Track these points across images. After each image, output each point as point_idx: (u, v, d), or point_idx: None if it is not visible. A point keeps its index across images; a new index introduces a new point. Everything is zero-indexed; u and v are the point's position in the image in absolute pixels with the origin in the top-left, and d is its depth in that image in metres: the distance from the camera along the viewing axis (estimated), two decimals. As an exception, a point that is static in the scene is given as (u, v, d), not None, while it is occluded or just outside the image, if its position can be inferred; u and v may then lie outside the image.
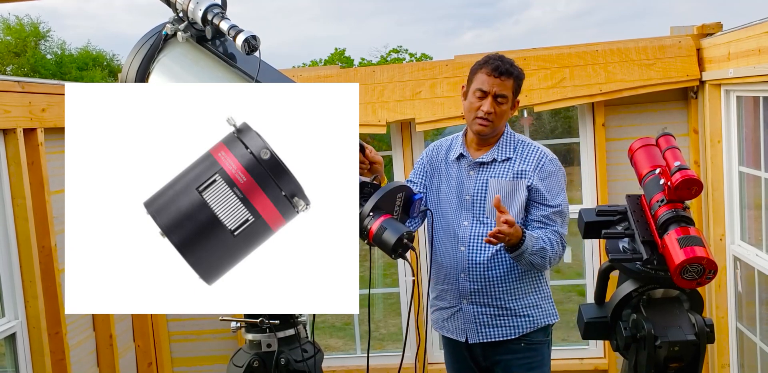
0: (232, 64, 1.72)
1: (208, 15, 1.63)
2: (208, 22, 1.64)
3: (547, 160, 2.39)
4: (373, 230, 1.52)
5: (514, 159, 2.39)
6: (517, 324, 2.39)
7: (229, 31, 1.60)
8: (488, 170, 2.40)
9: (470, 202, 2.40)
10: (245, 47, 1.57)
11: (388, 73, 3.95)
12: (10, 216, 3.14)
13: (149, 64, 1.75)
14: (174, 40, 1.76)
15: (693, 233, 1.24)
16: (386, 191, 1.55)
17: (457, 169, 2.46)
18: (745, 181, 3.39)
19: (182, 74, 1.75)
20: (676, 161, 1.32)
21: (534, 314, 2.41)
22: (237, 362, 1.79)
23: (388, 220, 1.53)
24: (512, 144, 2.43)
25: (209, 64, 1.74)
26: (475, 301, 2.40)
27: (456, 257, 2.40)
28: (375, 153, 1.91)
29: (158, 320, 4.21)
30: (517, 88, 2.38)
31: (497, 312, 2.38)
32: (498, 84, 2.32)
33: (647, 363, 1.29)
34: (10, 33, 26.96)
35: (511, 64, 2.36)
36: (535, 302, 2.42)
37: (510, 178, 2.37)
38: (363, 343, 4.24)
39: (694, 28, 3.71)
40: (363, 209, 1.54)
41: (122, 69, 1.81)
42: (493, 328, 2.40)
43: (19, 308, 3.15)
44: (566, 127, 6.21)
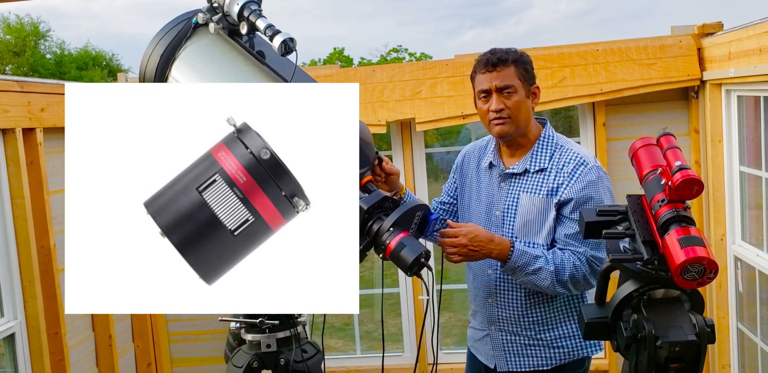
0: (262, 61, 1.72)
1: (245, 11, 1.63)
2: (244, 18, 1.63)
3: (585, 168, 2.05)
4: (391, 246, 1.54)
5: (550, 170, 2.09)
6: (551, 355, 2.14)
7: (266, 31, 1.60)
8: (520, 183, 2.12)
9: (500, 218, 2.14)
10: (282, 48, 1.57)
11: (388, 72, 3.95)
12: (9, 216, 3.13)
13: (175, 50, 1.73)
14: (203, 30, 1.75)
15: (694, 233, 1.23)
16: (407, 209, 1.57)
17: (488, 180, 2.20)
18: (746, 181, 3.39)
19: (208, 64, 1.74)
20: (677, 161, 1.31)
21: (570, 345, 2.14)
22: (236, 362, 1.78)
23: (407, 238, 1.55)
24: (548, 150, 2.12)
25: (237, 57, 1.73)
26: (504, 329, 2.17)
27: (484, 280, 2.18)
28: (391, 165, 1.89)
29: (157, 320, 4.20)
30: (525, 73, 2.09)
31: (528, 342, 2.15)
32: (495, 77, 2.05)
33: (648, 363, 1.28)
34: (10, 32, 26.97)
35: (505, 52, 2.09)
36: (572, 331, 2.14)
37: (544, 195, 2.07)
38: (363, 343, 4.24)
39: (694, 27, 3.71)
40: (383, 225, 1.56)
41: (144, 54, 1.78)
42: (523, 357, 2.16)
43: (18, 308, 3.15)
44: (567, 126, 6.20)
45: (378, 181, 1.83)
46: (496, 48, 2.13)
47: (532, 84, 2.11)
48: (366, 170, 1.73)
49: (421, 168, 4.05)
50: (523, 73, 2.08)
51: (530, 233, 2.11)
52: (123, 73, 4.46)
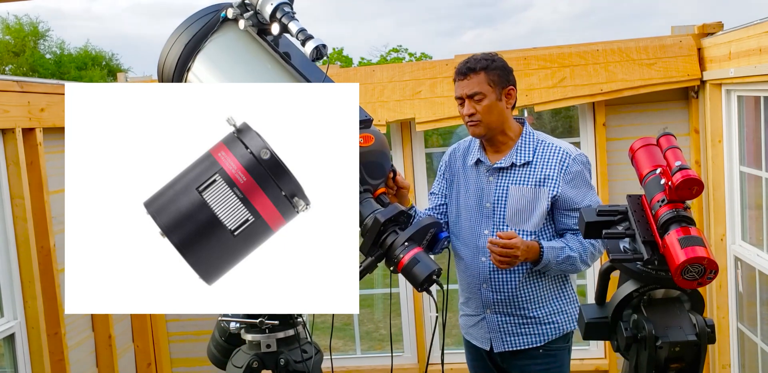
0: (288, 61, 1.72)
1: (278, 13, 1.62)
2: (276, 20, 1.63)
3: (570, 160, 2.28)
4: (404, 261, 1.56)
5: (535, 163, 2.29)
6: (542, 332, 2.34)
7: (298, 35, 1.60)
8: (508, 176, 2.31)
9: (491, 209, 2.33)
10: (314, 54, 1.57)
11: (388, 72, 3.95)
12: (9, 216, 3.13)
13: (200, 41, 1.72)
14: (231, 24, 1.74)
15: (694, 233, 1.23)
16: (423, 226, 1.60)
17: (475, 175, 2.38)
18: (746, 181, 3.39)
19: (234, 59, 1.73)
20: (677, 161, 1.31)
21: (559, 321, 2.36)
22: (236, 362, 1.78)
23: (420, 254, 1.57)
24: (531, 146, 2.32)
25: (263, 56, 1.73)
26: (499, 311, 2.36)
27: (477, 267, 2.36)
28: (403, 179, 1.92)
29: (157, 320, 4.20)
30: (497, 78, 2.26)
31: (521, 321, 2.34)
32: (465, 85, 2.26)
33: (648, 364, 1.28)
34: (9, 33, 26.96)
35: (476, 60, 2.27)
36: (560, 307, 2.36)
37: (532, 186, 2.28)
38: (363, 343, 4.25)
39: (695, 27, 3.71)
40: (397, 239, 1.57)
41: (167, 43, 1.76)
42: (517, 336, 2.35)
43: (18, 308, 3.15)
44: (567, 126, 6.20)
45: (389, 194, 1.85)
46: (472, 56, 2.31)
47: (505, 87, 2.28)
48: (381, 182, 1.75)
49: (421, 168, 4.06)
50: (493, 78, 2.26)
51: (520, 221, 2.31)
52: (123, 73, 4.46)
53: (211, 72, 1.73)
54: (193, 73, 1.74)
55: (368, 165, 1.69)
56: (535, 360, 2.36)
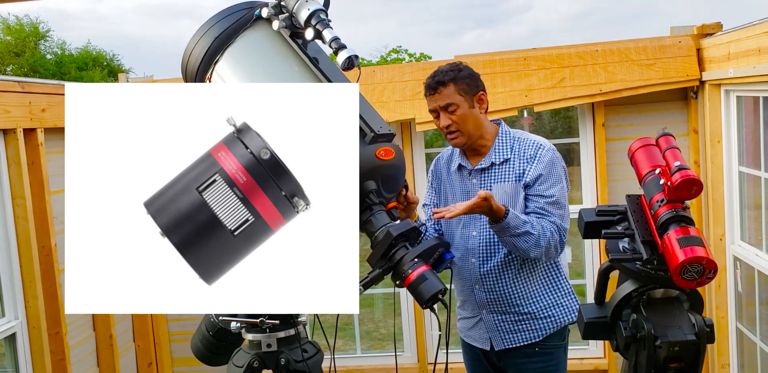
0: (317, 66, 1.72)
1: (313, 19, 1.63)
2: (311, 25, 1.64)
3: (543, 150, 2.33)
4: (411, 277, 1.57)
5: (513, 159, 2.35)
6: (539, 327, 2.37)
7: (331, 44, 1.61)
8: (490, 176, 2.36)
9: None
10: (345, 63, 1.59)
11: (388, 73, 3.95)
12: (10, 216, 3.14)
13: (231, 36, 1.73)
14: (263, 23, 1.75)
15: (693, 233, 1.24)
16: (433, 244, 1.63)
17: (460, 180, 2.44)
18: (745, 181, 3.39)
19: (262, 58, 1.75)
20: (676, 161, 1.32)
21: (555, 314, 2.38)
22: (237, 362, 1.79)
23: (428, 271, 1.59)
24: (508, 143, 2.38)
25: (292, 58, 1.74)
26: (494, 310, 2.39)
27: (469, 269, 2.39)
28: (413, 194, 1.94)
29: (158, 320, 4.21)
30: (466, 87, 2.31)
31: (517, 318, 2.37)
32: (436, 98, 2.31)
33: (647, 363, 1.29)
34: (10, 33, 26.95)
35: (443, 73, 2.32)
36: (554, 301, 2.39)
37: (512, 181, 2.33)
38: (363, 343, 4.25)
39: (694, 28, 3.71)
40: (407, 255, 1.59)
41: (195, 35, 1.76)
42: (515, 333, 2.38)
43: (19, 308, 3.15)
44: (566, 127, 6.21)
45: (398, 208, 1.87)
46: (438, 69, 2.36)
47: (475, 94, 2.33)
48: (394, 196, 1.77)
49: (421, 168, 4.06)
50: (463, 87, 2.31)
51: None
52: (124, 74, 4.46)
53: (235, 69, 1.74)
54: (218, 66, 1.74)
55: (386, 178, 1.70)
56: (532, 358, 2.39)
